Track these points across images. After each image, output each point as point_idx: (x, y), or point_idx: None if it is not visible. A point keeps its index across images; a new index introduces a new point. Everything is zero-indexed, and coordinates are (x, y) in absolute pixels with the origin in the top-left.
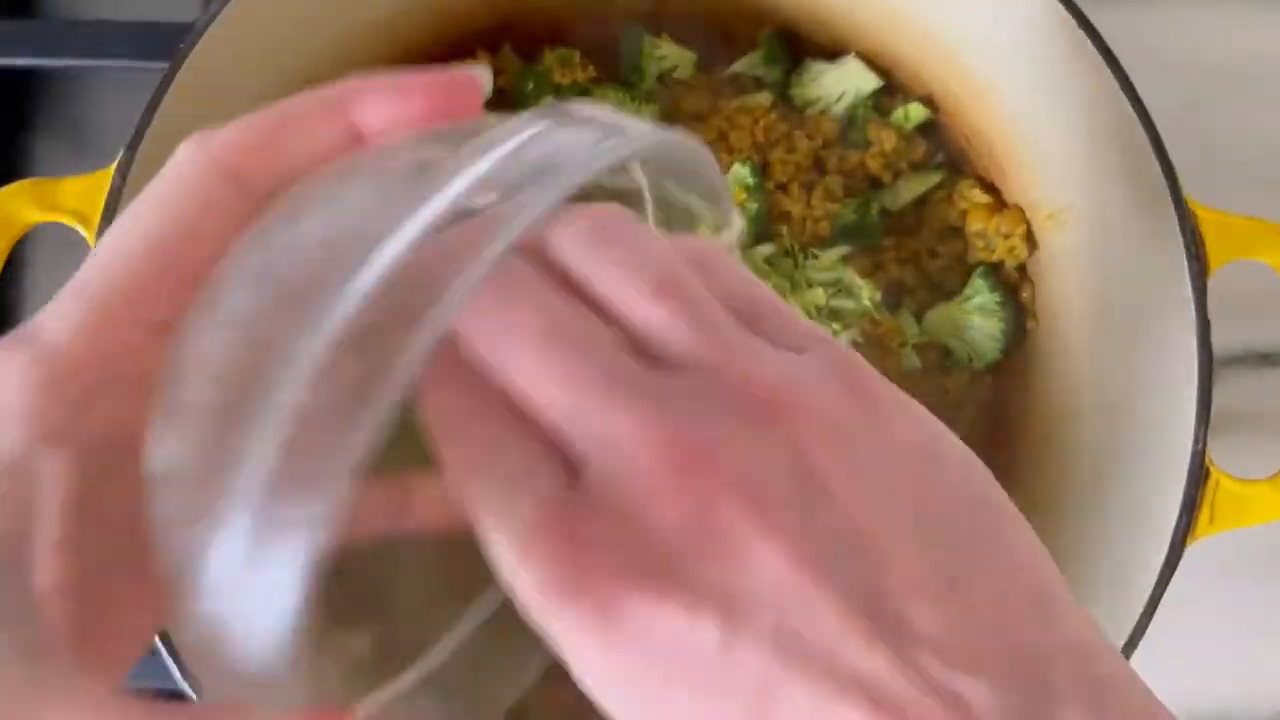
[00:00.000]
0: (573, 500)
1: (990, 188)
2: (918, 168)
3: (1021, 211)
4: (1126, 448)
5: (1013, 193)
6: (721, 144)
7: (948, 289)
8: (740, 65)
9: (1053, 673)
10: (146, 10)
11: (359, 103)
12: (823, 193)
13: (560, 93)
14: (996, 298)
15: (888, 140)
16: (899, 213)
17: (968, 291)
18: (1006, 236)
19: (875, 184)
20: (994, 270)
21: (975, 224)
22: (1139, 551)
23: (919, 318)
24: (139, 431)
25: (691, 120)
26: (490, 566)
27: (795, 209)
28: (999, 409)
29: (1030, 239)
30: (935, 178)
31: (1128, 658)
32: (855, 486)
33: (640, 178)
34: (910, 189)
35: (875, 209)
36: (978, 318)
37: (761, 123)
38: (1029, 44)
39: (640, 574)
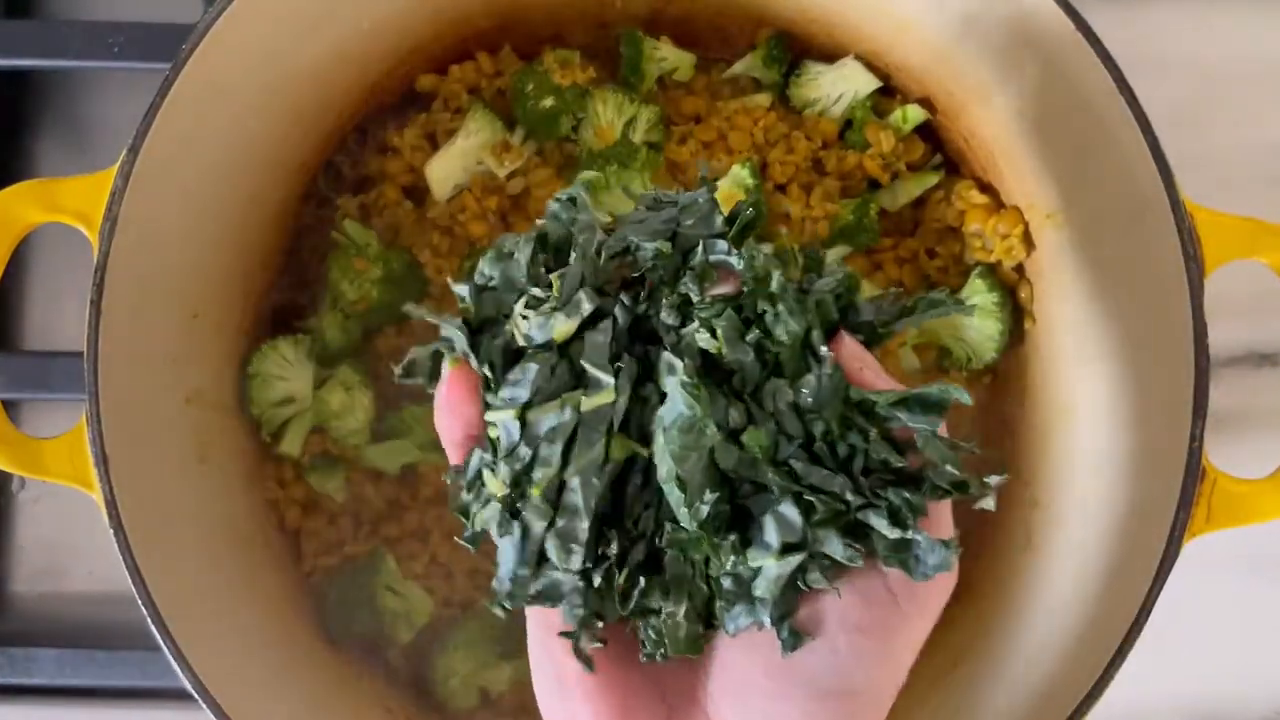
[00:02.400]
0: None
1: (988, 188)
2: (916, 169)
3: (1019, 212)
4: (1124, 446)
5: (1010, 193)
6: (720, 145)
7: (946, 289)
8: (739, 67)
9: None
10: (148, 12)
11: None
12: (821, 194)
13: (560, 94)
14: (994, 298)
15: (886, 141)
16: (897, 213)
17: (966, 292)
18: (1004, 237)
19: (873, 185)
20: (991, 271)
21: (973, 224)
22: (1136, 549)
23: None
24: None
25: (690, 121)
26: None
27: (794, 209)
28: (998, 408)
29: (1028, 239)
30: (933, 179)
31: (1124, 655)
32: None
33: None
34: (908, 190)
35: (874, 210)
36: (976, 318)
37: (760, 124)
38: (1026, 45)
39: None
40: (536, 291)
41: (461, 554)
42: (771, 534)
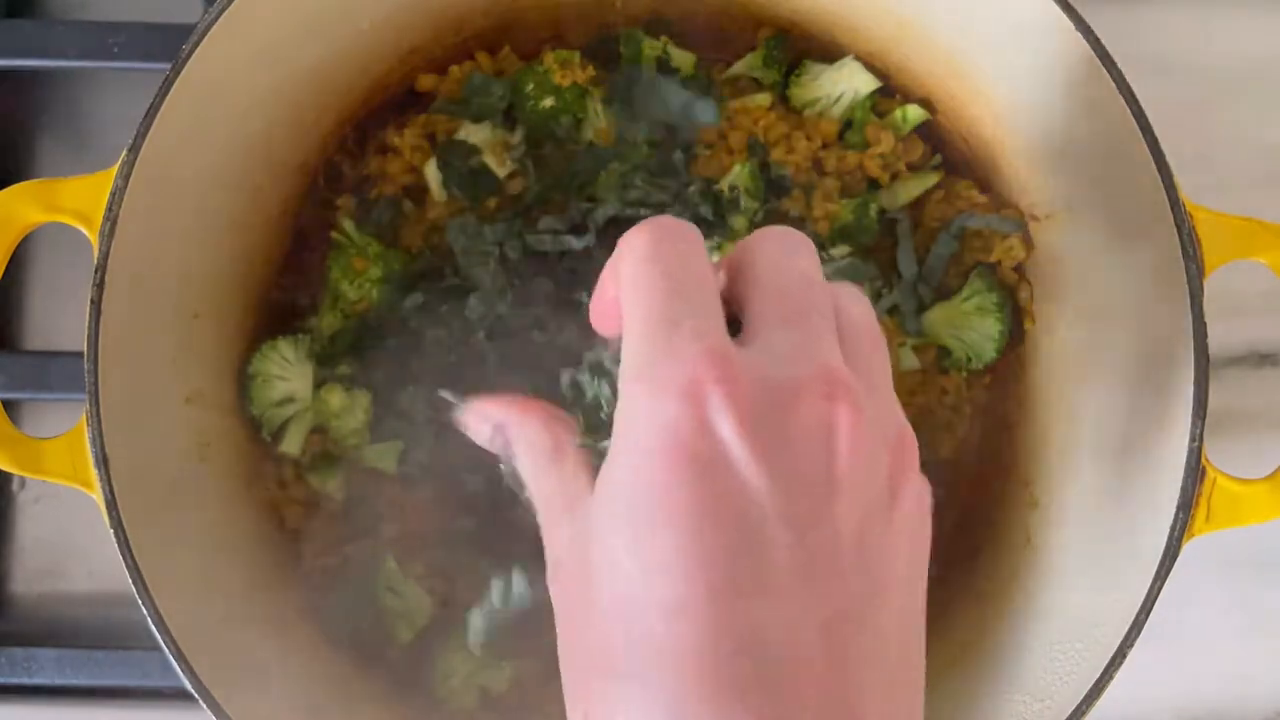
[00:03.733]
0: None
1: (988, 188)
2: (916, 169)
3: (1019, 212)
4: (1124, 447)
5: (1010, 193)
6: (721, 145)
7: (946, 289)
8: (739, 67)
9: None
10: (149, 11)
11: None
12: (821, 194)
13: (560, 94)
14: (994, 297)
15: (886, 141)
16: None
17: (965, 292)
18: (1004, 237)
19: (873, 185)
20: (992, 270)
21: (973, 224)
22: (1136, 550)
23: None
24: None
25: None
26: None
27: (794, 210)
28: (997, 409)
29: (1027, 239)
30: (933, 179)
31: (1124, 655)
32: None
33: None
34: (908, 190)
35: (873, 210)
36: (975, 317)
37: (760, 123)
38: (1026, 46)
39: None
40: None
41: (462, 554)
42: None
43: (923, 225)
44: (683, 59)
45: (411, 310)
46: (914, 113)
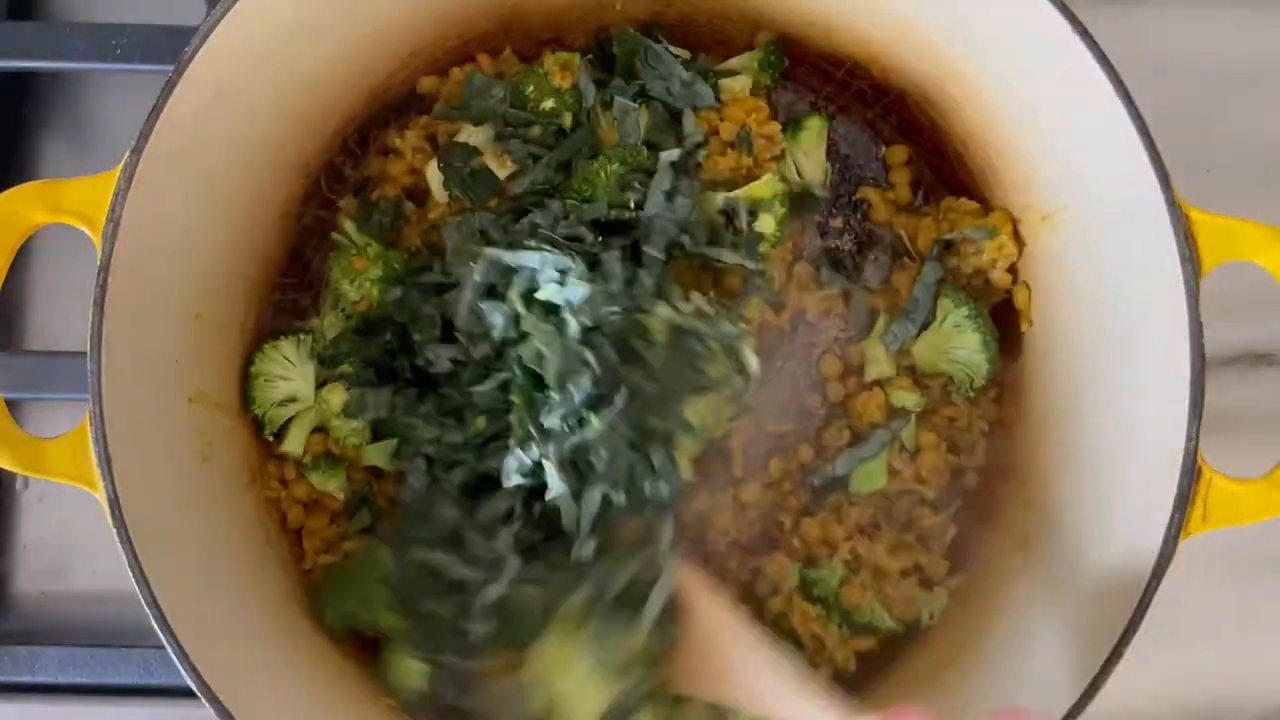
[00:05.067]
0: None
1: (984, 190)
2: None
3: (1007, 211)
4: (1121, 446)
5: (1006, 194)
6: (717, 141)
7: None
8: (735, 63)
9: None
10: (151, 14)
11: None
12: None
13: (560, 95)
14: (964, 310)
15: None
16: None
17: (939, 315)
18: (994, 235)
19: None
20: (956, 288)
21: (964, 230)
22: (1133, 548)
23: (905, 351)
24: None
25: None
26: None
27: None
28: (998, 413)
29: (1017, 237)
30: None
31: (1120, 655)
32: None
33: None
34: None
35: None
36: (956, 335)
37: (752, 116)
38: (1025, 48)
39: None
40: None
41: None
42: None
43: (916, 251)
44: (679, 55)
45: (399, 306)
46: (897, 154)
